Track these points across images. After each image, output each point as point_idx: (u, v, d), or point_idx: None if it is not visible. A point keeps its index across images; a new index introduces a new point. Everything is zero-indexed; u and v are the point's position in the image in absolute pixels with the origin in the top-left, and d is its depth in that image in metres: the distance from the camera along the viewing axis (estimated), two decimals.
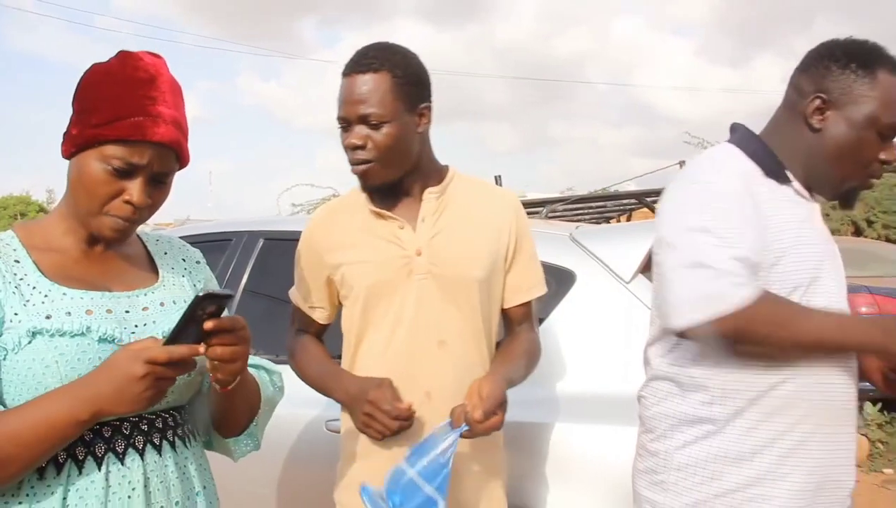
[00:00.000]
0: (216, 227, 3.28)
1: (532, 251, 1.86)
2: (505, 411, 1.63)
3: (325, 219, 1.85)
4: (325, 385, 1.80)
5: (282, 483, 2.52)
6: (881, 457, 5.61)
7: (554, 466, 2.18)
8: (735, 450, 1.46)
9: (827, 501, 1.48)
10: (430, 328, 1.71)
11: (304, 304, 1.88)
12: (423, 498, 1.51)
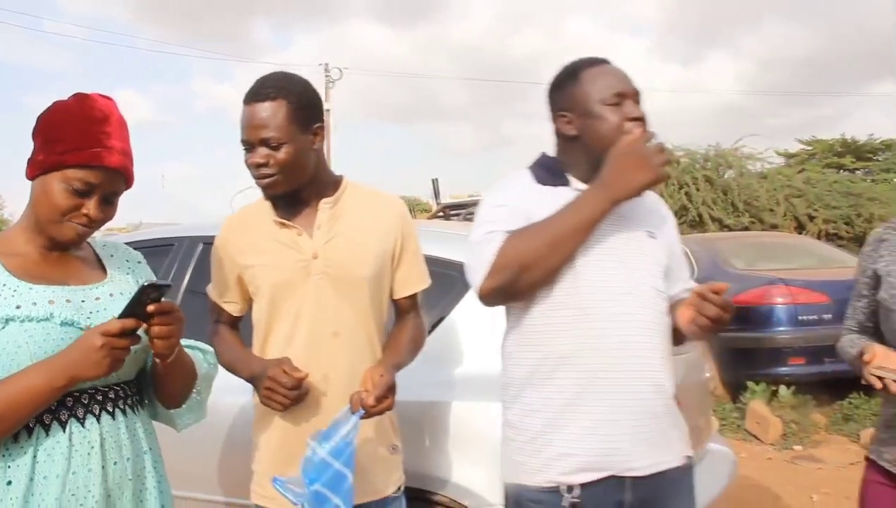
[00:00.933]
0: (160, 233, 3.54)
1: (417, 250, 2.15)
2: (394, 394, 1.92)
3: (236, 225, 2.12)
4: (235, 367, 2.07)
5: (226, 457, 2.81)
6: (794, 436, 6.04)
7: (455, 439, 2.50)
8: (529, 407, 1.81)
9: (629, 436, 1.77)
10: (326, 321, 1.99)
11: (220, 299, 2.15)
12: (334, 472, 1.79)
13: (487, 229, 1.78)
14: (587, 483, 1.75)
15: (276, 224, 2.04)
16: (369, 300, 2.04)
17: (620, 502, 1.78)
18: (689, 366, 3.14)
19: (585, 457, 1.76)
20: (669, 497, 1.84)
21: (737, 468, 3.28)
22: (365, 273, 2.02)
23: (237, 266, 2.07)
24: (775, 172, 16.70)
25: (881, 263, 1.97)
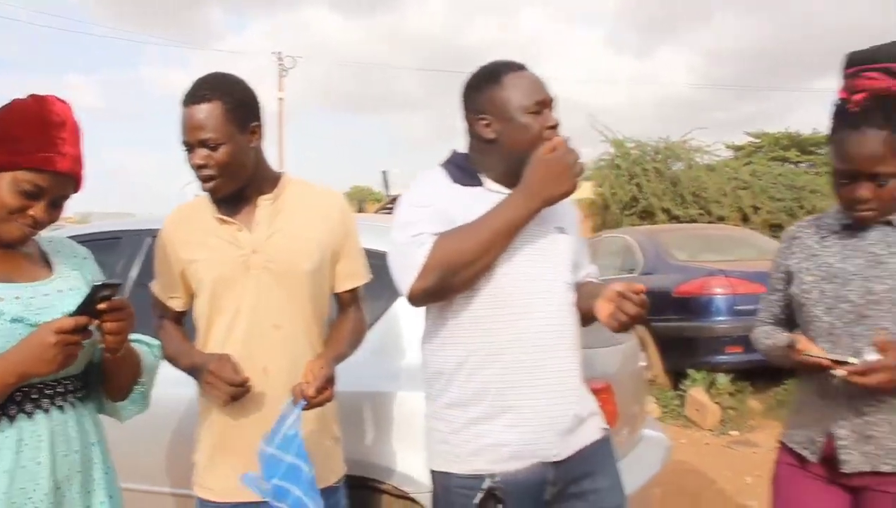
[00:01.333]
0: (107, 227, 3.56)
1: (357, 244, 2.21)
2: (334, 385, 1.99)
3: (178, 221, 2.16)
4: (177, 359, 2.12)
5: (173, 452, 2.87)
6: (731, 422, 6.26)
7: (398, 429, 2.59)
8: (457, 400, 1.90)
9: (542, 432, 1.88)
10: (266, 314, 2.05)
11: (163, 294, 2.19)
12: (287, 466, 1.86)
13: (413, 231, 1.85)
14: (510, 473, 1.87)
15: (216, 220, 2.08)
16: (309, 294, 2.10)
17: (544, 481, 1.90)
18: (625, 356, 3.29)
19: (514, 447, 1.87)
20: (592, 469, 1.96)
21: (670, 452, 3.43)
22: (305, 267, 2.07)
23: (179, 261, 2.11)
24: (723, 165, 17.07)
25: (793, 260, 2.10)
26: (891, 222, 1.94)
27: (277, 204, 2.10)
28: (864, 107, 1.86)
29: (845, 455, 1.92)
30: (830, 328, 1.94)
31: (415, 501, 2.54)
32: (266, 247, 2.06)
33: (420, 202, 1.92)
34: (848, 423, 1.92)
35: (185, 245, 2.10)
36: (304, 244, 2.09)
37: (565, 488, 1.93)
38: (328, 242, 2.12)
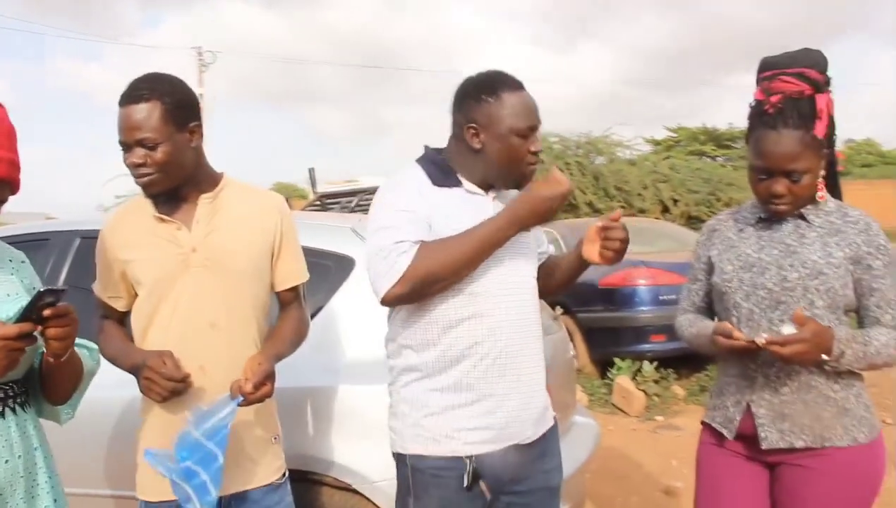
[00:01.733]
0: (35, 228, 3.48)
1: (296, 244, 2.24)
2: (273, 382, 2.02)
3: (117, 222, 2.16)
4: (118, 359, 2.11)
5: (110, 453, 2.84)
6: (656, 408, 6.48)
7: (338, 422, 2.63)
8: (434, 386, 1.98)
9: (512, 420, 1.99)
10: (204, 313, 2.06)
11: (104, 295, 2.18)
12: (205, 452, 1.88)
13: (395, 237, 1.90)
14: (483, 455, 1.98)
15: (155, 219, 2.08)
16: (248, 292, 2.12)
17: (510, 460, 2.01)
18: (556, 346, 3.39)
19: (492, 431, 1.97)
20: (545, 451, 2.12)
21: (600, 437, 3.55)
22: (243, 266, 2.10)
23: (119, 261, 2.10)
24: (643, 159, 17.50)
25: (714, 251, 2.22)
26: (803, 215, 2.07)
27: (216, 203, 2.12)
28: (779, 109, 1.98)
29: (764, 433, 2.04)
30: (749, 314, 2.07)
31: (355, 491, 2.60)
32: (205, 245, 2.07)
33: (401, 206, 1.96)
34: (766, 403, 2.05)
35: (124, 245, 2.10)
36: (243, 243, 2.11)
37: (521, 469, 2.06)
38: (267, 242, 2.15)
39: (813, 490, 2.01)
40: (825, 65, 2.04)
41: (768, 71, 2.06)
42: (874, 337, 1.97)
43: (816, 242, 2.03)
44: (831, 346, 1.90)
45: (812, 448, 2.01)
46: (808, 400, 2.01)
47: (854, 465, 2.01)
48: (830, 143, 2.05)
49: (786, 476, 2.06)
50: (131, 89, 2.02)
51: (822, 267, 1.99)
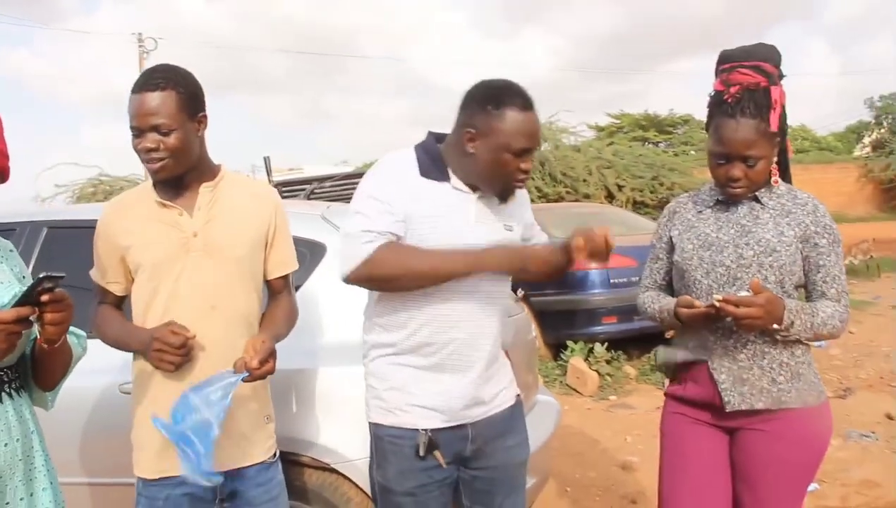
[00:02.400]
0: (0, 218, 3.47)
1: (288, 235, 2.33)
2: (275, 360, 2.11)
3: (117, 208, 2.22)
4: (123, 340, 2.18)
5: (84, 441, 2.87)
6: (609, 387, 6.69)
7: (316, 402, 2.72)
8: (396, 363, 2.11)
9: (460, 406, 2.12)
10: (204, 295, 2.14)
11: (103, 280, 2.23)
12: (201, 419, 1.93)
13: (364, 225, 2.00)
14: (438, 429, 2.10)
15: (157, 204, 2.16)
16: (244, 277, 2.21)
17: (465, 437, 2.14)
18: (519, 328, 3.51)
19: (443, 413, 2.10)
20: (505, 430, 2.23)
21: (561, 415, 3.70)
22: (241, 252, 2.19)
23: (119, 247, 2.16)
24: (587, 145, 17.76)
25: (675, 231, 2.36)
26: (757, 198, 2.22)
27: (216, 192, 2.20)
28: (738, 99, 2.12)
29: (727, 397, 2.19)
30: (709, 289, 2.21)
31: (333, 470, 2.68)
32: (205, 230, 2.15)
33: (376, 194, 2.04)
34: (725, 369, 2.19)
35: (124, 231, 2.16)
36: (240, 230, 2.20)
37: (483, 445, 2.17)
38: (262, 231, 2.24)
39: (769, 450, 2.17)
40: (778, 59, 2.20)
41: (727, 63, 2.20)
42: (820, 309, 2.13)
43: (769, 222, 2.18)
44: (782, 315, 2.05)
45: (770, 410, 2.16)
46: (763, 365, 2.16)
47: (805, 426, 2.17)
48: (782, 132, 2.20)
49: (743, 439, 2.22)
50: (147, 77, 2.10)
51: (775, 245, 2.14)
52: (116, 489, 2.82)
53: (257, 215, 2.24)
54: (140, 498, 2.19)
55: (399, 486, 2.12)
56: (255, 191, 2.31)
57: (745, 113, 2.10)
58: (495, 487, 2.21)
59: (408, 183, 2.08)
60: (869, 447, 4.96)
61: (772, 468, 2.17)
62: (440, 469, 2.12)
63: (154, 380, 2.14)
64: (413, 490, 2.11)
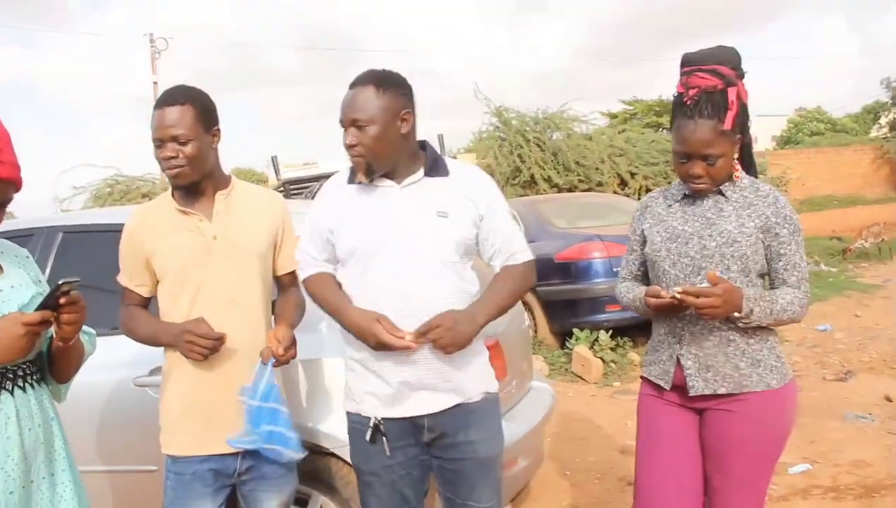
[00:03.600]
0: (18, 225, 3.66)
1: (293, 234, 2.56)
2: (296, 346, 2.38)
3: (141, 218, 2.46)
4: (156, 336, 2.40)
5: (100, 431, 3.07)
6: (613, 374, 6.83)
7: (319, 391, 2.89)
8: (352, 356, 2.36)
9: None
10: (225, 290, 2.38)
11: (131, 283, 2.46)
12: (269, 411, 2.25)
13: (299, 251, 2.45)
14: (388, 418, 2.30)
15: (178, 212, 2.40)
16: (259, 274, 2.46)
17: (421, 426, 2.31)
18: (511, 317, 3.66)
19: (386, 402, 2.29)
20: (467, 424, 2.32)
21: (555, 399, 3.86)
22: (256, 251, 2.44)
23: (144, 253, 2.40)
24: (599, 133, 17.76)
25: (646, 225, 2.50)
26: (722, 192, 2.36)
27: (230, 199, 2.45)
28: (696, 101, 2.27)
29: (692, 382, 2.34)
30: (676, 279, 2.35)
31: (334, 455, 2.85)
32: (225, 234, 2.39)
33: (312, 220, 2.40)
34: (692, 356, 2.34)
35: (150, 237, 2.40)
36: (254, 233, 2.45)
37: (442, 436, 2.33)
38: (272, 233, 2.50)
39: (734, 429, 2.32)
40: (737, 60, 2.33)
41: (687, 67, 2.34)
42: (780, 296, 2.27)
43: (732, 215, 2.32)
44: (741, 304, 2.20)
45: (732, 394, 2.31)
46: (727, 352, 2.31)
47: (767, 406, 2.31)
48: (744, 128, 2.34)
49: (711, 419, 2.36)
50: (168, 95, 2.35)
51: (736, 236, 2.28)
52: (131, 476, 3.03)
53: (268, 218, 2.50)
54: (169, 474, 2.43)
55: (364, 466, 2.37)
56: (263, 197, 2.57)
57: (702, 114, 2.24)
58: (463, 477, 2.36)
59: (334, 197, 2.37)
60: (864, 428, 5.08)
61: (737, 446, 2.32)
62: (400, 452, 2.31)
63: (183, 369, 2.38)
64: (376, 470, 2.34)
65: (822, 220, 19.85)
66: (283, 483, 2.48)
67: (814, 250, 15.32)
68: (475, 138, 18.04)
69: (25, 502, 1.86)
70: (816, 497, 4.03)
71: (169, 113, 2.31)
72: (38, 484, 1.90)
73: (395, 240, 2.24)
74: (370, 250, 2.25)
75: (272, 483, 2.45)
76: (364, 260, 2.26)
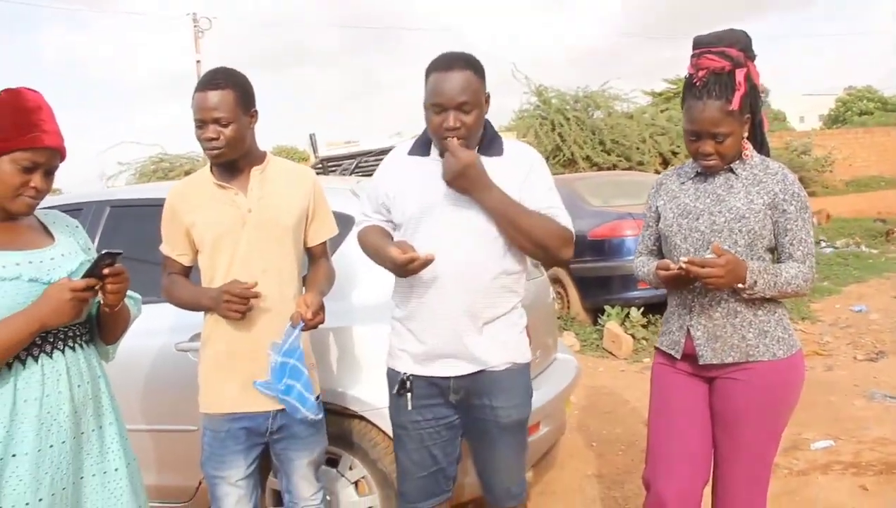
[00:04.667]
0: (68, 199, 3.86)
1: (326, 207, 2.72)
2: (324, 311, 2.51)
3: (181, 192, 2.61)
4: (196, 300, 2.56)
5: (145, 392, 3.27)
6: (643, 350, 6.90)
7: (350, 357, 3.05)
8: (395, 315, 2.52)
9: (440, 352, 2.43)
10: (257, 260, 2.52)
11: (172, 252, 2.62)
12: (291, 367, 2.42)
13: (362, 208, 2.62)
14: (416, 375, 2.47)
15: (216, 186, 2.55)
16: (291, 245, 2.60)
17: (447, 387, 2.45)
18: (537, 289, 3.79)
19: (416, 359, 2.46)
20: (491, 390, 2.45)
21: (580, 370, 3.98)
22: (288, 222, 2.58)
23: (184, 224, 2.56)
24: (640, 112, 17.62)
25: (660, 201, 2.60)
26: (732, 169, 2.45)
27: (265, 174, 2.60)
28: (705, 82, 2.36)
29: (701, 351, 2.44)
30: (687, 252, 2.45)
31: (362, 418, 3.01)
32: (258, 207, 2.54)
33: (373, 181, 2.57)
34: (701, 327, 2.44)
35: (190, 209, 2.56)
36: (287, 205, 2.59)
37: (467, 397, 2.46)
38: (303, 206, 2.64)
39: (740, 397, 2.42)
40: (746, 42, 2.41)
41: (697, 49, 2.42)
42: (784, 269, 2.36)
43: (741, 191, 2.40)
44: (744, 275, 2.29)
45: (739, 363, 2.41)
46: (735, 323, 2.40)
47: (773, 376, 2.40)
48: (755, 107, 2.42)
49: (720, 387, 2.47)
50: (209, 78, 2.49)
51: (745, 212, 2.37)
52: (172, 435, 3.24)
53: (300, 192, 2.64)
54: (206, 431, 2.61)
55: (395, 419, 2.55)
56: (296, 172, 2.71)
57: (711, 95, 2.33)
58: (483, 439, 2.51)
59: (394, 165, 2.50)
60: (891, 408, 5.11)
61: (743, 413, 2.42)
62: (428, 410, 2.46)
63: (219, 334, 2.54)
64: (404, 423, 2.51)
65: (867, 202, 19.49)
66: (313, 443, 2.64)
67: (856, 231, 15.13)
68: (516, 116, 18.02)
69: (77, 451, 2.05)
70: (836, 472, 4.10)
71: (211, 96, 2.44)
72: (87, 436, 2.09)
73: (446, 208, 2.37)
74: (423, 217, 2.39)
75: (303, 443, 2.61)
76: (414, 226, 2.40)
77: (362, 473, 3.10)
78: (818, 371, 6.01)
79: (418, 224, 2.39)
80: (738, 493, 2.50)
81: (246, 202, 2.54)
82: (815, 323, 7.80)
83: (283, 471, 2.67)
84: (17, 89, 2.03)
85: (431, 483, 2.54)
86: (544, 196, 2.45)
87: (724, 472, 2.51)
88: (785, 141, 20.59)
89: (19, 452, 1.93)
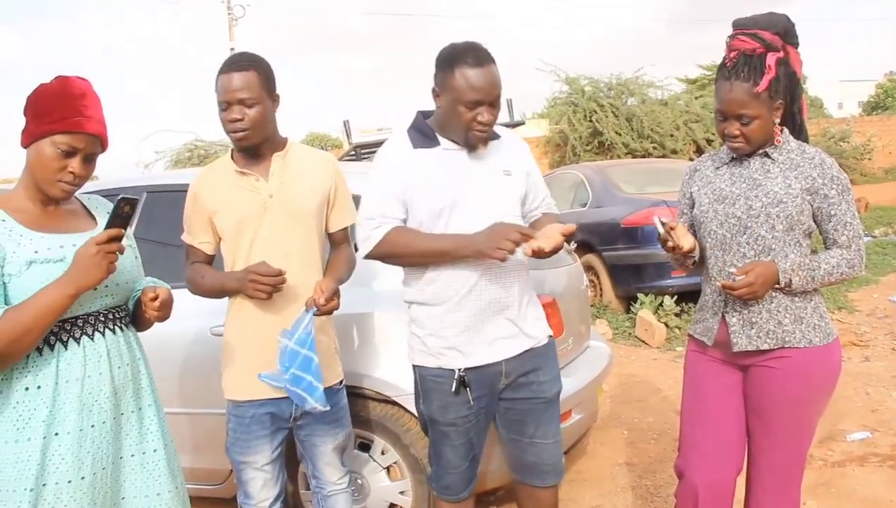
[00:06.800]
0: (106, 185, 3.92)
1: (347, 193, 2.70)
2: (339, 297, 2.49)
3: (203, 180, 2.62)
4: (222, 285, 2.56)
5: (181, 375, 3.33)
6: (676, 339, 6.85)
7: (376, 342, 3.08)
8: (433, 314, 2.46)
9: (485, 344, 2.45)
10: (279, 245, 2.53)
11: (194, 241, 2.63)
12: (302, 357, 2.39)
13: (369, 213, 2.42)
14: (470, 368, 2.44)
15: (237, 173, 2.55)
16: (312, 230, 2.59)
17: (499, 373, 2.47)
18: (570, 277, 3.78)
19: (471, 354, 2.43)
20: (537, 366, 2.52)
21: (612, 358, 3.97)
22: (308, 208, 2.57)
23: (207, 211, 2.57)
24: (675, 99, 17.45)
25: (694, 187, 2.58)
26: (768, 154, 2.42)
27: (286, 160, 2.59)
28: (734, 63, 2.34)
29: (735, 338, 2.42)
30: (723, 238, 2.43)
31: (395, 403, 3.03)
32: (279, 192, 2.54)
33: (378, 182, 2.44)
34: (737, 314, 2.42)
35: (212, 197, 2.57)
36: (307, 191, 2.58)
37: (516, 379, 2.49)
38: (324, 192, 2.62)
39: (776, 385, 2.39)
40: (785, 26, 2.37)
41: (734, 30, 2.39)
42: (823, 260, 2.33)
43: (778, 176, 2.37)
44: (777, 278, 2.30)
45: (774, 350, 2.38)
46: (771, 308, 2.38)
47: (809, 363, 2.37)
48: (791, 94, 2.39)
49: (755, 375, 2.45)
50: (233, 60, 2.50)
51: (782, 197, 2.34)
52: (206, 417, 3.27)
53: (321, 178, 2.62)
54: (231, 417, 2.63)
55: (442, 418, 2.48)
56: (317, 158, 2.69)
57: (739, 76, 2.31)
58: (527, 417, 2.53)
59: (401, 161, 2.43)
60: None
61: (778, 402, 2.40)
62: (479, 399, 2.46)
63: (242, 319, 2.56)
64: (454, 420, 2.47)
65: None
66: (336, 428, 2.66)
67: (895, 220, 14.85)
68: (549, 104, 17.93)
69: (116, 431, 2.09)
70: (873, 465, 4.05)
71: (236, 77, 2.44)
72: (127, 417, 2.12)
73: (476, 198, 2.39)
74: (453, 209, 2.39)
75: (326, 429, 2.64)
76: (446, 219, 2.39)
77: (394, 458, 3.13)
78: (855, 362, 5.93)
79: (451, 213, 2.39)
80: (772, 483, 2.47)
81: (267, 187, 2.54)
82: (853, 313, 7.68)
83: (308, 457, 2.69)
84: (67, 77, 2.06)
85: (470, 471, 2.58)
86: (543, 186, 2.67)
87: (758, 462, 2.49)
88: (822, 127, 20.23)
89: (62, 431, 1.96)
